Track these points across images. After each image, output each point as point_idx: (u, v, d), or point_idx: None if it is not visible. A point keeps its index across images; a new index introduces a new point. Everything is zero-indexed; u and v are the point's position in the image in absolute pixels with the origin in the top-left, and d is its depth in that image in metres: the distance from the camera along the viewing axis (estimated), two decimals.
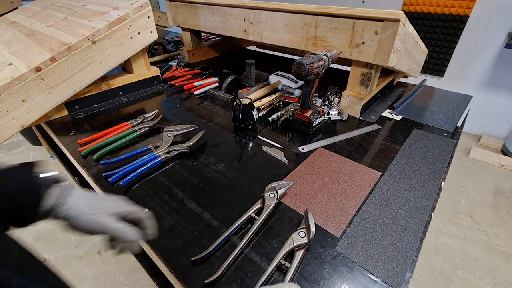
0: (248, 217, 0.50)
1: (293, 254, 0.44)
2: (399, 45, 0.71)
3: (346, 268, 0.43)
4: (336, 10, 0.73)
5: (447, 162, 0.65)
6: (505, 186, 1.77)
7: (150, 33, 0.93)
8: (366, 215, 0.52)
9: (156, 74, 1.06)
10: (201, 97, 1.01)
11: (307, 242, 0.44)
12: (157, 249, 0.46)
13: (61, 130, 0.81)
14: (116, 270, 1.34)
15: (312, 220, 0.46)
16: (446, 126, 0.80)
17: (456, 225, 1.52)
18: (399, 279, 0.41)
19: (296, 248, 0.44)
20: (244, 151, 0.71)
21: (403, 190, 0.57)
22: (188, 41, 1.31)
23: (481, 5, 1.86)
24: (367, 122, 0.82)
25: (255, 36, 0.97)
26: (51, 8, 1.10)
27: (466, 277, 1.26)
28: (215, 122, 0.83)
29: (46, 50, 0.76)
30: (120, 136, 0.73)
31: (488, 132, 2.22)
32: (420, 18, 2.08)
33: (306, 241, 0.44)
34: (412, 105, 0.93)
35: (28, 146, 2.21)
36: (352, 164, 0.65)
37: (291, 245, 0.44)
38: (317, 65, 0.65)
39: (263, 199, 0.53)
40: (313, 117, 0.74)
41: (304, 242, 0.44)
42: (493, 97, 2.07)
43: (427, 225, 0.50)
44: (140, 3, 0.87)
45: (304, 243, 0.44)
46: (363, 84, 0.83)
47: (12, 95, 0.69)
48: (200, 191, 0.58)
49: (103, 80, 0.93)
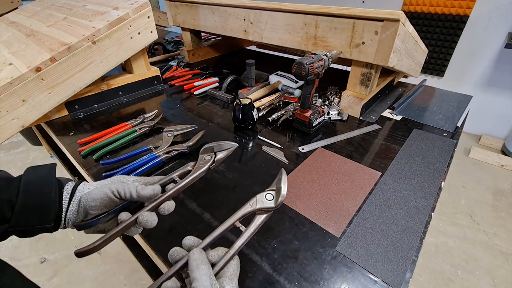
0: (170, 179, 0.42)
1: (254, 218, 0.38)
2: (399, 45, 0.71)
3: (346, 268, 0.43)
4: (336, 10, 0.73)
5: (447, 162, 0.65)
6: (505, 186, 1.77)
7: (150, 33, 0.93)
8: (366, 215, 0.52)
9: (156, 74, 1.06)
10: (201, 97, 1.01)
11: (273, 207, 0.38)
12: (157, 249, 0.46)
13: (61, 130, 0.81)
14: (116, 270, 1.34)
15: (285, 182, 0.39)
16: (446, 126, 0.80)
17: (456, 225, 1.52)
18: (399, 279, 0.41)
19: (258, 212, 0.38)
20: (244, 151, 0.71)
21: (403, 190, 0.57)
22: (188, 41, 1.31)
23: (481, 5, 1.86)
24: (367, 122, 0.82)
25: (255, 36, 0.97)
26: (51, 8, 1.10)
27: (466, 277, 1.26)
28: (215, 122, 0.83)
29: (46, 50, 0.76)
30: (120, 136, 0.73)
31: (488, 132, 2.22)
32: (420, 18, 2.08)
33: (273, 205, 0.38)
34: (412, 105, 0.93)
35: (28, 146, 2.21)
36: (352, 164, 0.65)
37: (253, 206, 0.38)
38: (317, 65, 0.65)
39: (196, 163, 0.44)
40: (313, 117, 0.74)
41: (270, 206, 0.38)
42: (493, 97, 2.07)
43: (427, 225, 0.50)
44: (140, 3, 0.87)
45: (269, 207, 0.38)
46: (363, 84, 0.83)
47: (12, 95, 0.69)
48: (200, 191, 0.58)
49: (103, 80, 0.93)
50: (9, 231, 0.33)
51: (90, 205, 0.36)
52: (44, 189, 0.35)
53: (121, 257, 1.39)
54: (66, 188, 0.37)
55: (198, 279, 0.29)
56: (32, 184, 0.35)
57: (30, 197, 0.34)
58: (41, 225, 0.34)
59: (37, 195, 0.34)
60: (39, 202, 0.34)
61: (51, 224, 0.35)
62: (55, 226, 0.36)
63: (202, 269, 0.30)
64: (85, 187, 0.38)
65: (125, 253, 1.40)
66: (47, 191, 0.35)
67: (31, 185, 0.34)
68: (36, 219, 0.34)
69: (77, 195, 0.37)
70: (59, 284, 1.29)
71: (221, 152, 0.46)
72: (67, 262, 1.37)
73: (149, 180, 0.42)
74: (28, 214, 0.33)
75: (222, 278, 0.32)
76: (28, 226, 0.34)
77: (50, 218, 0.34)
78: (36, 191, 0.34)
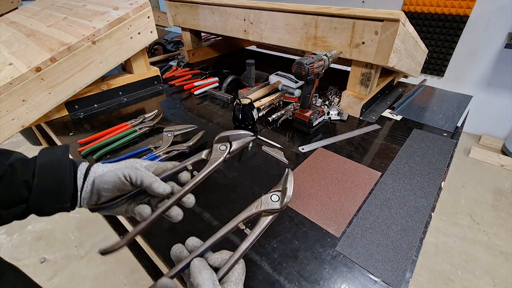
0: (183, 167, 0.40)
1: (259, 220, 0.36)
2: (399, 45, 0.71)
3: (346, 268, 0.43)
4: (336, 10, 0.73)
5: (447, 162, 0.65)
6: (505, 186, 1.77)
7: (150, 33, 0.93)
8: (366, 215, 0.52)
9: (156, 74, 1.06)
10: (201, 97, 1.01)
11: (278, 208, 0.37)
12: (157, 249, 0.46)
13: (61, 130, 0.81)
14: (116, 270, 1.34)
15: (291, 183, 0.38)
16: (446, 126, 0.80)
17: (456, 225, 1.52)
18: (399, 279, 0.41)
19: (263, 213, 0.37)
20: (244, 151, 0.71)
21: (403, 190, 0.57)
22: (188, 41, 1.31)
23: (481, 5, 1.86)
24: (367, 122, 0.82)
25: (255, 36, 0.97)
26: (51, 8, 1.10)
27: (466, 277, 1.26)
28: (215, 122, 0.83)
29: (46, 50, 0.76)
30: (120, 136, 0.73)
31: (488, 132, 2.22)
32: (420, 18, 2.08)
33: (278, 207, 0.37)
34: (412, 105, 0.93)
35: (28, 146, 2.20)
36: (352, 164, 0.65)
37: (258, 208, 0.36)
38: (317, 65, 0.65)
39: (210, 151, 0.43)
40: (313, 117, 0.74)
41: (275, 207, 0.37)
42: (493, 97, 2.07)
43: (427, 225, 0.50)
44: (140, 3, 0.87)
45: (274, 209, 0.36)
46: (363, 84, 0.83)
47: (12, 95, 0.69)
48: (200, 191, 0.58)
49: (103, 80, 0.93)
50: (27, 210, 0.34)
51: (103, 187, 0.37)
52: (59, 171, 0.35)
53: (121, 257, 1.39)
54: (80, 169, 0.38)
55: (201, 285, 0.28)
56: (47, 166, 0.35)
57: (46, 179, 0.34)
58: (58, 205, 0.35)
59: (53, 177, 0.35)
60: (55, 184, 0.35)
61: (68, 204, 0.36)
62: (72, 206, 0.37)
63: (205, 273, 0.30)
64: (99, 168, 0.38)
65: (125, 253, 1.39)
66: (62, 173, 0.35)
67: (46, 167, 0.35)
68: (53, 199, 0.35)
69: (90, 175, 0.37)
70: (59, 284, 1.29)
71: (236, 142, 0.44)
72: (67, 262, 1.37)
73: (162, 166, 0.41)
74: (45, 195, 0.34)
75: (227, 283, 0.31)
76: (46, 206, 0.35)
77: (67, 198, 0.36)
78: (52, 172, 0.35)
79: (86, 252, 1.42)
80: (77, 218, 1.61)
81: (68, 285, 1.28)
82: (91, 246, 1.45)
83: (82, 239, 1.49)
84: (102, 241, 1.47)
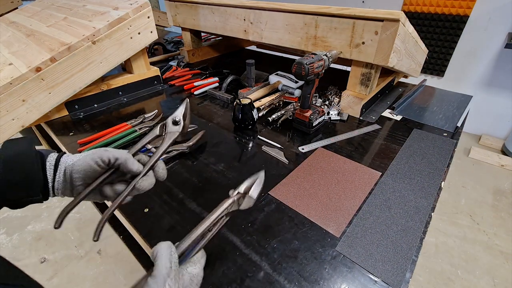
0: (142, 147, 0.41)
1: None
2: (399, 45, 0.71)
3: (346, 268, 0.43)
4: (336, 10, 0.73)
5: (447, 162, 0.65)
6: (505, 186, 1.77)
7: (150, 33, 0.94)
8: (366, 215, 0.52)
9: (156, 74, 1.06)
10: (201, 97, 1.01)
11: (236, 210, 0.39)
12: None
13: (61, 130, 0.81)
14: (116, 270, 1.34)
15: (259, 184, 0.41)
16: (446, 126, 0.80)
17: (456, 225, 1.52)
18: (399, 279, 0.41)
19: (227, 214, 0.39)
20: (244, 151, 0.71)
21: (403, 190, 0.57)
22: (188, 41, 1.31)
23: (481, 5, 1.86)
24: (367, 122, 0.82)
25: (255, 36, 0.97)
26: (51, 8, 1.10)
27: (466, 277, 1.26)
28: (215, 122, 0.83)
29: (46, 50, 0.76)
30: (120, 136, 0.73)
31: (488, 132, 2.22)
32: (420, 18, 2.08)
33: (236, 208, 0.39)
34: (412, 105, 0.93)
35: None
36: (352, 164, 0.65)
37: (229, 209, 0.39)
38: (317, 65, 0.65)
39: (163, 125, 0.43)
40: (313, 117, 0.74)
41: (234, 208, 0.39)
42: (493, 97, 2.07)
43: (427, 225, 0.50)
44: (140, 3, 0.87)
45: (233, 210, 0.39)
46: (363, 84, 0.83)
47: (12, 95, 0.69)
48: (200, 191, 0.58)
49: (103, 80, 0.93)
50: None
51: (74, 176, 0.37)
52: (25, 163, 0.35)
53: (121, 257, 1.39)
54: (49, 160, 0.37)
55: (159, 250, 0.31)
56: (11, 158, 0.35)
57: (13, 172, 0.34)
58: (29, 197, 0.35)
59: (20, 170, 0.34)
60: (22, 176, 0.34)
61: (39, 196, 0.36)
62: (44, 197, 0.37)
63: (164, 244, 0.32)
64: (68, 158, 0.39)
65: (125, 253, 1.40)
66: (30, 165, 0.35)
67: (11, 159, 0.35)
68: (23, 192, 0.35)
69: (61, 165, 0.38)
70: (59, 284, 1.29)
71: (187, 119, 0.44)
72: (67, 262, 1.37)
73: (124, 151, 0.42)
74: (13, 188, 0.34)
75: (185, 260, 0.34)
76: (16, 199, 0.35)
77: (37, 190, 0.35)
78: (17, 165, 0.35)
79: (86, 252, 1.42)
80: (77, 218, 1.60)
81: (68, 285, 1.28)
82: (91, 246, 1.45)
83: (82, 239, 1.49)
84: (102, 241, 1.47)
